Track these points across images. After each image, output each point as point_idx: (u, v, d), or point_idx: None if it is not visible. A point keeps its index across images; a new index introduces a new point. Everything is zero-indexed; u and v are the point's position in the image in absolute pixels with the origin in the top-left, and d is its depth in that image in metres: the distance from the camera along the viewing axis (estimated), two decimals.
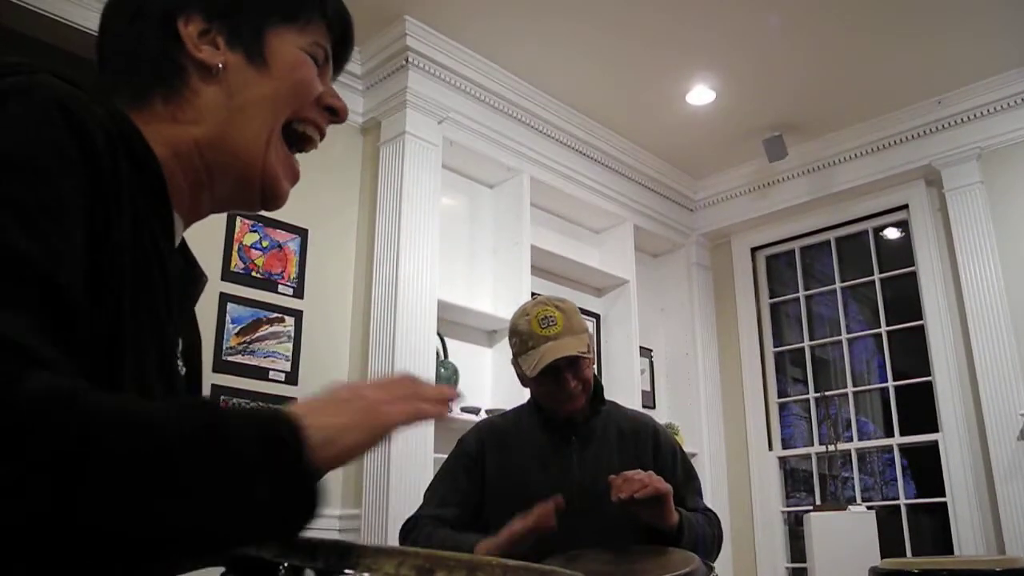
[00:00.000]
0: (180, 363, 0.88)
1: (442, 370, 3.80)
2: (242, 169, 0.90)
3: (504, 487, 1.97)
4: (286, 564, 0.68)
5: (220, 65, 0.87)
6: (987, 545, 4.20)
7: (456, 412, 3.83)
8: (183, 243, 0.92)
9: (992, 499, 4.21)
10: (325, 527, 3.49)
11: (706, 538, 1.93)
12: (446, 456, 3.65)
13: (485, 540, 1.82)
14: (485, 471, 2.05)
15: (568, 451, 2.00)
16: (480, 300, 4.20)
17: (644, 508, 1.79)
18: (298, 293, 3.68)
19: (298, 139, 0.95)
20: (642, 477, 1.77)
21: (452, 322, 4.02)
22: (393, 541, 3.29)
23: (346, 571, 0.67)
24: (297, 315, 3.64)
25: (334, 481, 3.60)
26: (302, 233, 3.76)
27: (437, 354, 3.78)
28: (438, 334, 3.80)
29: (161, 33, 0.87)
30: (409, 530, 2.01)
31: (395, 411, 0.77)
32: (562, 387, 2.00)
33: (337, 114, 0.98)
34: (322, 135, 0.99)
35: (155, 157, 0.81)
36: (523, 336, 2.02)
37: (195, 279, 0.93)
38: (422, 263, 3.76)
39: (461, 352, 4.06)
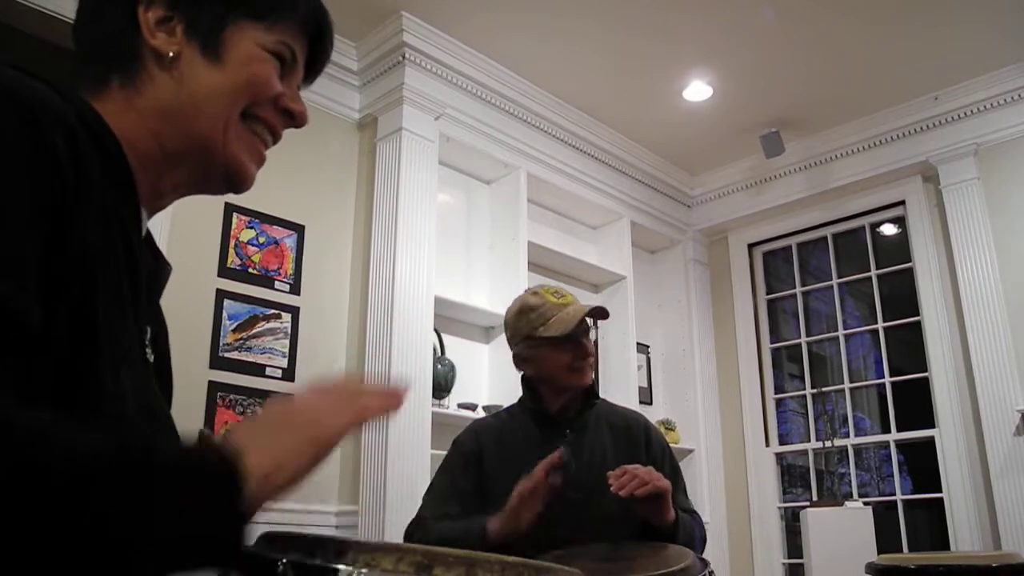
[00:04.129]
0: (149, 351, 0.86)
1: (439, 366, 3.80)
2: (202, 156, 0.89)
3: (502, 483, 1.97)
4: (284, 560, 0.68)
5: (172, 54, 0.86)
6: (983, 541, 4.21)
7: (453, 409, 3.84)
8: (147, 233, 0.91)
9: (988, 495, 4.22)
10: (322, 523, 3.49)
11: (695, 539, 1.93)
12: (443, 453, 3.66)
13: (492, 518, 1.84)
14: (483, 468, 2.06)
15: (563, 444, 2.00)
16: (477, 296, 4.20)
17: (643, 505, 1.80)
18: (295, 289, 3.67)
19: None
20: (642, 474, 1.78)
21: (449, 318, 4.02)
22: (390, 537, 3.29)
23: (344, 567, 0.67)
24: (294, 311, 3.64)
25: (331, 477, 3.60)
26: (299, 229, 3.75)
27: (434, 350, 3.78)
28: (435, 330, 3.80)
29: (123, 17, 0.87)
30: (412, 532, 2.01)
31: (339, 421, 0.75)
32: (582, 350, 2.05)
33: (295, 118, 0.97)
34: (276, 138, 0.97)
35: (120, 146, 0.80)
36: (539, 308, 2.06)
37: (160, 268, 0.92)
38: (419, 259, 3.75)
39: (458, 348, 4.05)
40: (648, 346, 5.27)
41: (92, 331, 0.70)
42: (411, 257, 3.72)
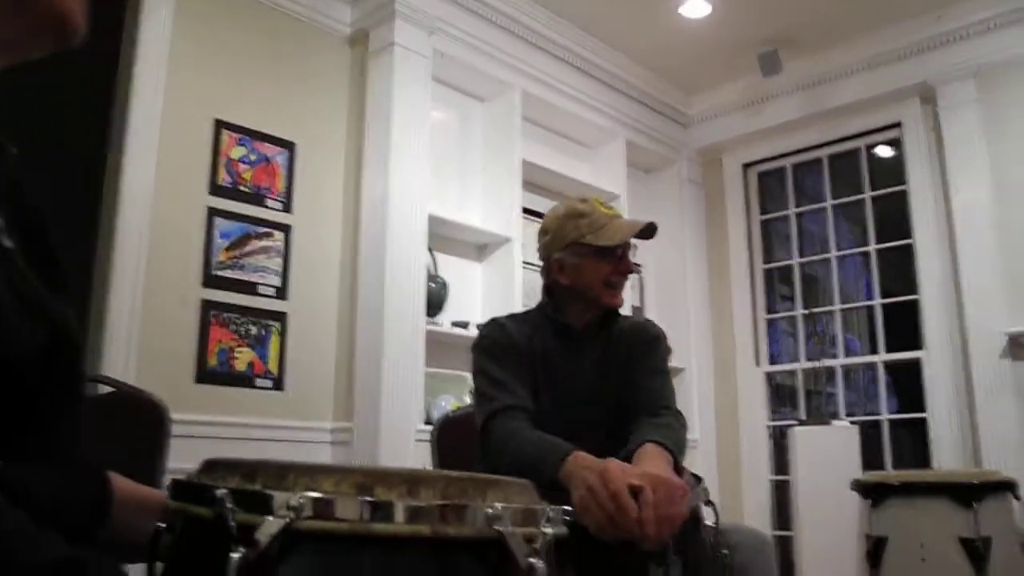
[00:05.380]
0: (4, 239, 0.81)
1: (432, 284, 3.81)
2: (9, 13, 0.80)
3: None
4: (226, 488, 0.69)
5: None
6: (964, 459, 4.30)
7: (446, 327, 3.87)
8: None
9: (972, 416, 4.29)
10: (317, 439, 3.54)
11: (680, 443, 1.86)
12: (437, 370, 3.69)
13: (578, 456, 1.55)
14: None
15: (578, 360, 1.97)
16: (470, 215, 4.19)
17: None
18: (287, 208, 3.65)
19: None
20: (673, 512, 1.42)
21: (442, 236, 4.01)
22: (384, 453, 3.34)
23: (283, 492, 0.68)
24: (286, 230, 3.63)
25: (326, 394, 3.64)
26: (289, 147, 3.71)
27: (427, 268, 3.78)
28: (428, 249, 3.80)
29: None
30: (500, 428, 1.78)
31: None
32: (625, 264, 2.01)
33: None
34: None
35: None
36: (590, 216, 2.00)
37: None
38: (412, 177, 3.73)
39: (451, 267, 4.06)
40: (641, 265, 5.28)
41: None
42: (404, 175, 3.70)
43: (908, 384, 4.75)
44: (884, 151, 5.05)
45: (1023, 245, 4.21)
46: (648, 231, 2.02)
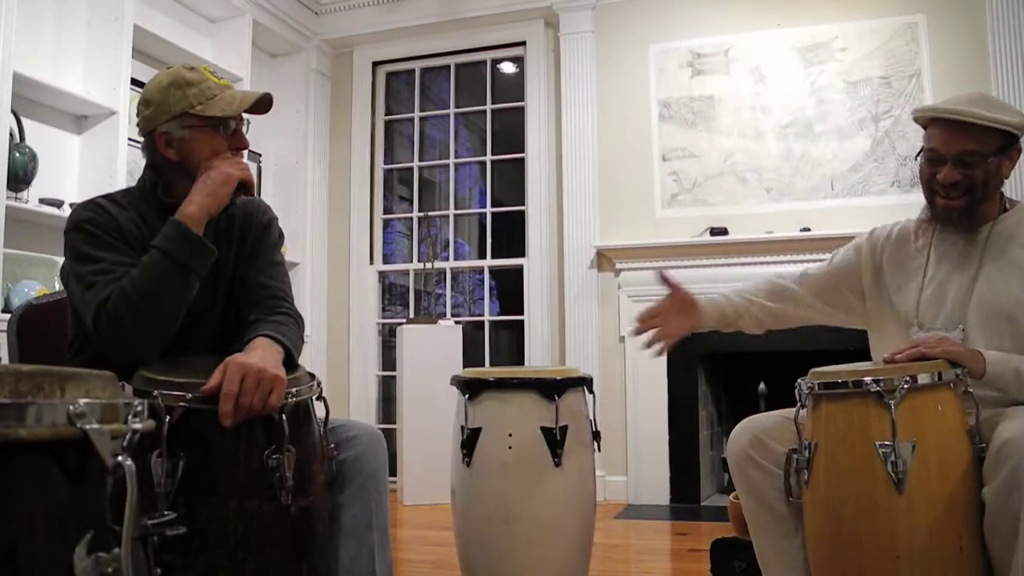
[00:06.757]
0: None
1: (16, 154, 3.34)
2: None
3: None
4: None
5: None
6: (552, 358, 4.76)
7: (34, 204, 3.45)
8: None
9: (561, 319, 4.74)
10: None
11: (295, 341, 1.85)
12: (19, 252, 3.28)
13: (183, 204, 1.73)
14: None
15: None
16: (69, 79, 3.71)
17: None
18: None
19: None
20: (254, 402, 1.49)
21: (32, 101, 3.52)
22: None
23: None
24: None
25: None
26: None
27: (11, 135, 3.30)
28: (13, 112, 3.31)
29: None
30: (105, 305, 1.63)
31: None
32: (239, 139, 1.89)
33: None
34: None
35: None
36: (199, 85, 1.82)
37: None
38: None
39: (41, 136, 3.59)
40: (260, 154, 5.07)
41: None
42: None
43: (510, 289, 5.12)
44: (508, 67, 5.28)
45: (615, 169, 4.69)
46: (263, 104, 1.91)
